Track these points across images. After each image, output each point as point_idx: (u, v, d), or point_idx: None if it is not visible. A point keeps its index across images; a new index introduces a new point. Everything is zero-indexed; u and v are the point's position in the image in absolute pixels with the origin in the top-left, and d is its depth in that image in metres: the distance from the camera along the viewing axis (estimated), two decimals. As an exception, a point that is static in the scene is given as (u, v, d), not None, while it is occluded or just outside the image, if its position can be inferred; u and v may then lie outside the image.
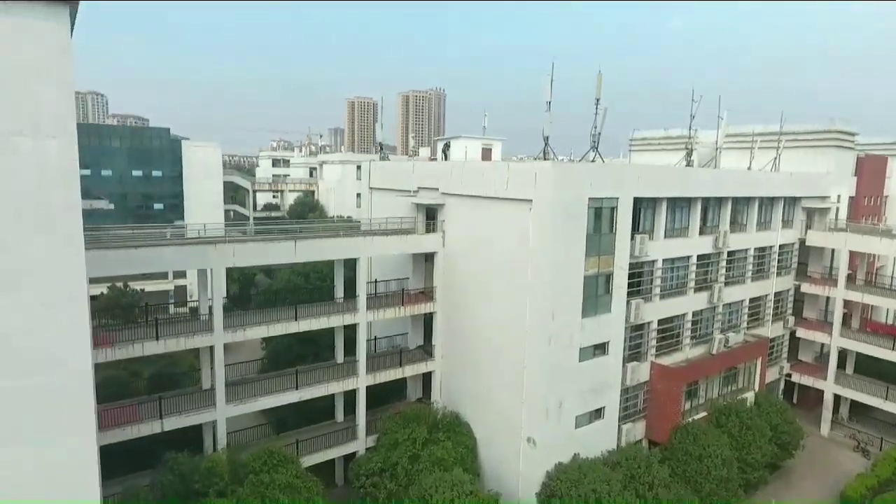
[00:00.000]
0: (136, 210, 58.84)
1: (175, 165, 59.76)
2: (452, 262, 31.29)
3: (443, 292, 31.99)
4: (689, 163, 35.35)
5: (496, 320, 28.36)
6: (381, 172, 37.40)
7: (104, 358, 22.55)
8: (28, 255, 13.50)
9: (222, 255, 24.64)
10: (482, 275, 29.23)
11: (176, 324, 25.41)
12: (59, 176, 13.82)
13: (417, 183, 33.46)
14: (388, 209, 35.01)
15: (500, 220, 27.77)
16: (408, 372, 31.71)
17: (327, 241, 27.75)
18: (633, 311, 29.61)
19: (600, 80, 27.96)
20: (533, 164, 26.11)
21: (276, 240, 26.20)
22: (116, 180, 57.48)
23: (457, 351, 31.45)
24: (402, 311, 30.97)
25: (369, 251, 29.23)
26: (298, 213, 69.10)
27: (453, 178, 30.61)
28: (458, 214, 30.79)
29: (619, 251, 28.27)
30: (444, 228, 31.62)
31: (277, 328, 26.88)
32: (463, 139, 39.39)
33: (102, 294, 49.66)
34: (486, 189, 28.28)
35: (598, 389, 28.72)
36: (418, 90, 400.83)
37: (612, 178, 27.36)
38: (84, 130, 56.78)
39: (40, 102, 13.35)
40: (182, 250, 23.72)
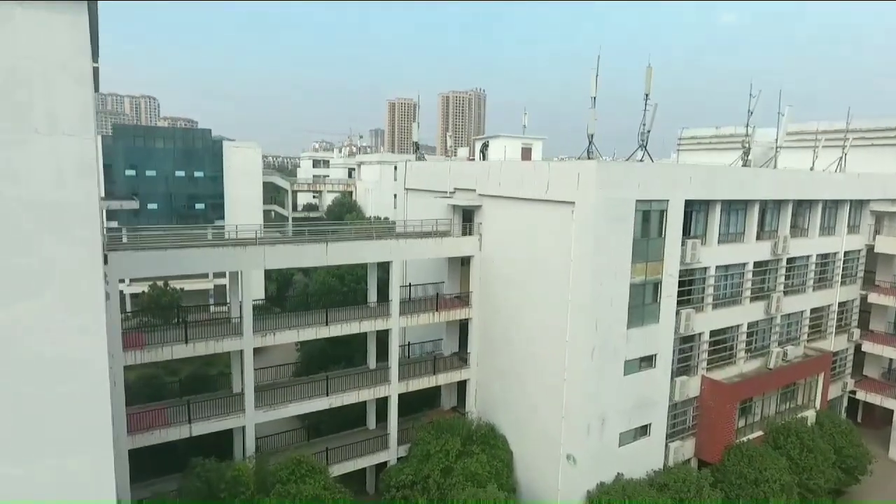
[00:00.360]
0: (179, 210, 59.72)
1: (216, 166, 60.38)
2: (489, 266, 29.95)
3: (479, 298, 30.68)
4: (746, 162, 32.94)
5: (535, 329, 26.87)
6: (417, 173, 36.38)
7: (133, 360, 22.24)
8: (43, 257, 12.91)
9: (253, 258, 24.04)
10: (520, 280, 27.79)
11: (206, 326, 24.96)
12: (77, 175, 13.18)
13: (454, 184, 32.26)
14: (424, 211, 33.95)
15: (539, 223, 26.29)
16: (441, 380, 30.54)
17: (359, 243, 26.87)
18: (683, 322, 27.61)
19: (650, 74, 26.10)
20: (576, 163, 24.54)
21: (307, 242, 25.46)
22: (161, 181, 58.46)
23: (493, 359, 30.10)
24: (436, 316, 29.83)
25: (403, 254, 28.20)
26: (336, 213, 69.02)
27: (491, 178, 29.28)
28: (495, 217, 29.45)
29: (669, 257, 26.36)
30: (481, 231, 30.31)
31: (307, 333, 26.15)
32: (502, 138, 38.00)
33: (144, 292, 50.53)
34: (525, 190, 26.84)
35: (644, 405, 26.86)
36: (458, 91, 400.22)
37: (662, 178, 25.49)
38: (129, 132, 58.10)
39: (57, 99, 12.74)
40: (212, 252, 23.23)
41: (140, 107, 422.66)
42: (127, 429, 22.29)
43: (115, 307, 21.55)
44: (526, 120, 41.78)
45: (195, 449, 24.45)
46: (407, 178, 37.24)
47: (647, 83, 25.97)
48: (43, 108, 12.64)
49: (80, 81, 13.01)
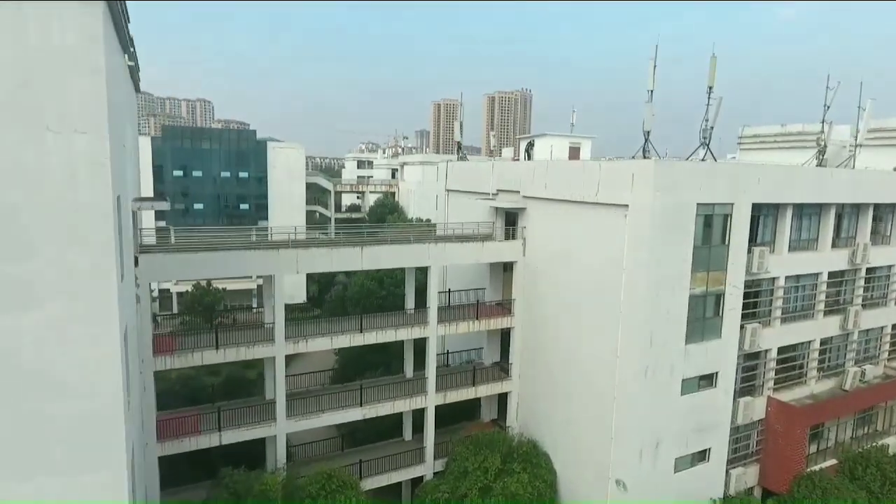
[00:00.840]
0: (225, 210, 60.38)
1: (261, 167, 60.77)
2: (533, 272, 28.16)
3: (522, 306, 28.93)
4: (821, 162, 29.90)
5: (583, 342, 24.93)
6: (458, 174, 34.91)
7: (163, 366, 21.66)
8: (53, 263, 12.06)
9: (285, 262, 23.12)
10: (567, 289, 25.89)
11: (238, 331, 24.23)
12: (89, 176, 12.28)
13: (496, 185, 30.62)
14: (465, 213, 32.46)
15: (589, 227, 24.34)
16: (481, 392, 28.94)
17: (396, 247, 25.59)
18: (748, 337, 25.08)
19: (714, 65, 23.74)
20: (630, 163, 22.49)
21: (342, 246, 24.37)
22: (207, 181, 59.24)
23: (537, 371, 28.28)
24: (476, 325, 28.26)
25: (441, 259, 26.77)
26: (378, 214, 68.45)
27: (536, 179, 27.48)
28: (540, 220, 27.63)
29: (733, 266, 23.92)
30: (525, 235, 28.55)
31: (341, 340, 25.06)
32: (548, 137, 36.07)
33: (188, 292, 51.08)
34: (573, 192, 24.94)
35: (702, 428, 24.50)
36: (504, 91, 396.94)
37: (727, 180, 23.09)
38: (177, 133, 59.09)
39: (67, 93, 11.86)
40: (244, 255, 22.42)
41: (196, 110, 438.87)
42: (157, 436, 21.73)
43: (145, 310, 21.01)
44: (574, 118, 39.67)
45: (229, 455, 23.80)
46: (448, 178, 35.84)
47: (711, 75, 23.63)
48: (53, 103, 11.80)
49: (93, 75, 12.10)
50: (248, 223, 61.06)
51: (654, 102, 23.70)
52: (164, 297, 58.16)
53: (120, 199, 15.09)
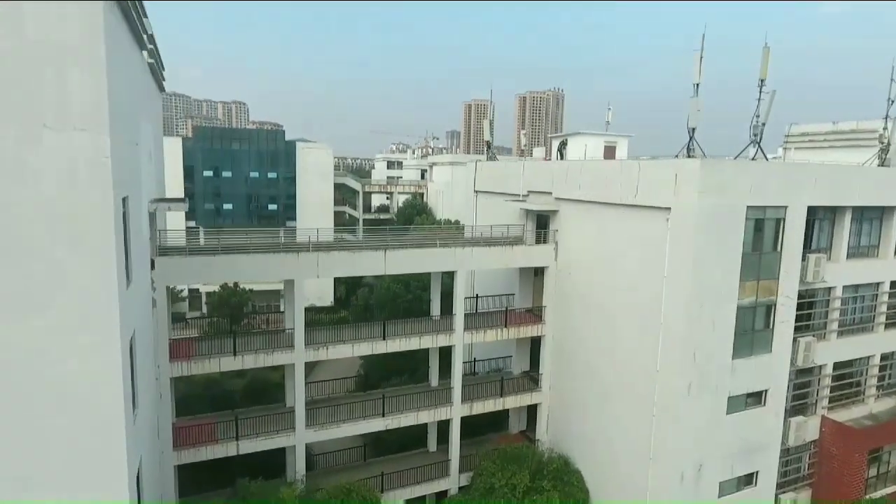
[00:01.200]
0: (254, 210, 60.35)
1: (290, 167, 60.53)
2: (566, 278, 26.63)
3: (553, 313, 27.44)
4: (884, 161, 27.54)
5: (619, 354, 23.32)
6: (488, 174, 33.57)
7: (179, 372, 20.97)
8: (51, 267, 11.27)
9: (305, 266, 22.21)
10: (602, 297, 24.30)
11: (258, 337, 23.44)
12: (89, 175, 11.44)
13: (527, 186, 29.19)
14: (494, 215, 31.13)
15: (627, 231, 22.74)
16: (509, 404, 27.54)
17: (421, 251, 24.43)
18: (801, 352, 23.05)
19: (766, 56, 21.84)
20: (673, 162, 20.80)
21: (364, 249, 23.35)
22: (236, 181, 59.28)
23: (569, 383, 26.74)
24: (504, 333, 26.88)
25: (469, 264, 25.49)
26: (406, 215, 67.55)
27: (569, 180, 25.96)
28: (574, 223, 26.10)
29: (786, 275, 21.98)
30: (557, 239, 27.05)
31: (363, 347, 24.03)
32: (582, 136, 34.43)
33: (215, 292, 51.07)
34: (609, 194, 23.36)
35: (749, 449, 22.60)
36: (536, 91, 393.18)
37: (780, 180, 21.19)
38: (207, 134, 59.33)
39: (66, 89, 11.04)
40: (262, 259, 21.58)
41: (231, 112, 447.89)
42: (173, 444, 21.07)
43: (162, 315, 20.36)
44: (610, 116, 37.92)
45: (251, 461, 23.05)
46: (477, 179, 34.53)
47: (763, 67, 21.73)
48: (51, 99, 11.01)
49: (94, 71, 11.25)
50: (277, 224, 60.93)
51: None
52: (194, 296, 58.46)
53: (128, 200, 14.30)
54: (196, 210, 58.22)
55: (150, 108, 21.68)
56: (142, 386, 17.13)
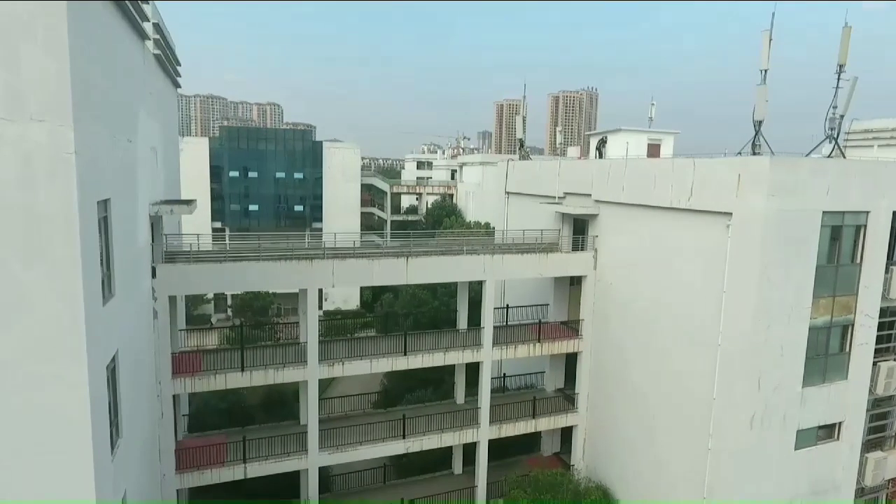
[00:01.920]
0: (280, 211, 59.27)
1: (316, 168, 59.25)
2: (607, 289, 24.12)
3: (592, 328, 24.95)
4: (978, 160, 24.10)
5: (668, 377, 20.72)
6: (520, 174, 31.21)
7: (183, 389, 19.35)
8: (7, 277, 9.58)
9: (320, 274, 20.33)
10: (649, 311, 21.73)
11: (269, 349, 21.66)
12: (49, 173, 9.67)
13: (563, 187, 26.74)
14: (527, 218, 28.82)
15: (678, 238, 20.14)
16: (542, 426, 25.17)
17: (446, 259, 22.26)
18: (882, 378, 20.02)
19: (847, 38, 18.91)
20: (736, 160, 18.12)
21: (384, 256, 21.32)
22: (263, 182, 58.28)
23: (609, 405, 24.21)
24: (537, 349, 24.53)
25: (498, 273, 23.23)
26: (435, 217, 65.61)
27: (611, 181, 23.43)
28: (616, 229, 23.57)
29: (866, 290, 19.03)
30: (597, 246, 24.56)
31: (382, 363, 22.03)
32: (623, 133, 31.73)
33: (238, 295, 49.96)
34: (658, 196, 20.77)
35: (820, 490, 19.72)
36: (569, 90, 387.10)
37: (863, 181, 18.27)
38: (234, 134, 58.46)
39: (20, 71, 9.30)
40: (273, 267, 19.76)
41: (266, 113, 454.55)
42: (176, 466, 19.44)
43: (164, 327, 18.73)
44: (653, 112, 35.09)
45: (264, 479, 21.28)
46: (509, 179, 32.21)
47: (843, 50, 18.82)
48: (3, 84, 9.32)
49: (54, 50, 9.46)
50: (303, 225, 59.74)
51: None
52: (219, 297, 57.65)
53: (110, 202, 12.54)
54: (223, 211, 57.48)
55: (155, 104, 20.12)
56: (135, 408, 15.49)
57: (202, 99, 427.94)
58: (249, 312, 48.17)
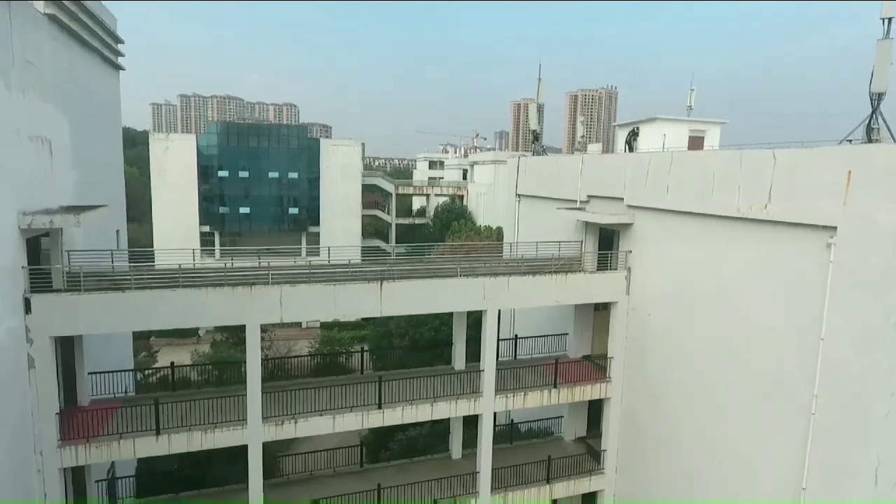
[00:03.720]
0: (272, 214, 54.62)
1: (313, 167, 54.52)
2: (643, 320, 18.74)
3: (623, 368, 19.59)
4: None
5: (729, 450, 15.26)
6: (534, 173, 25.90)
7: (72, 461, 14.39)
8: None
9: (262, 305, 15.28)
10: (702, 355, 16.30)
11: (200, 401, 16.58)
12: None
13: (587, 189, 21.39)
14: (543, 226, 23.63)
15: (749, 260, 14.69)
16: (559, 492, 19.81)
17: (434, 283, 17.06)
18: None
19: None
20: (842, 152, 12.65)
21: (351, 281, 16.16)
22: (254, 182, 53.68)
23: (645, 469, 18.81)
24: (553, 395, 19.20)
25: (502, 301, 17.98)
26: (444, 220, 60.49)
27: (651, 180, 18.03)
28: (657, 243, 18.18)
29: None
30: (630, 264, 19.19)
31: (350, 421, 16.83)
32: (659, 122, 26.23)
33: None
34: (719, 202, 15.33)
35: None
36: (587, 89, 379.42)
37: None
38: (223, 130, 53.86)
39: None
40: (195, 296, 14.72)
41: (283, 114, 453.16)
42: (68, 560, 14.51)
43: (46, 378, 13.82)
44: (692, 99, 29.52)
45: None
46: (520, 179, 26.92)
47: None
48: None
49: None
50: (299, 229, 55.10)
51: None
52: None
53: None
54: (212, 214, 53.01)
55: (49, 82, 15.28)
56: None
57: (219, 99, 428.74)
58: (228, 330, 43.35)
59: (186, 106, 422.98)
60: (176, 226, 52.07)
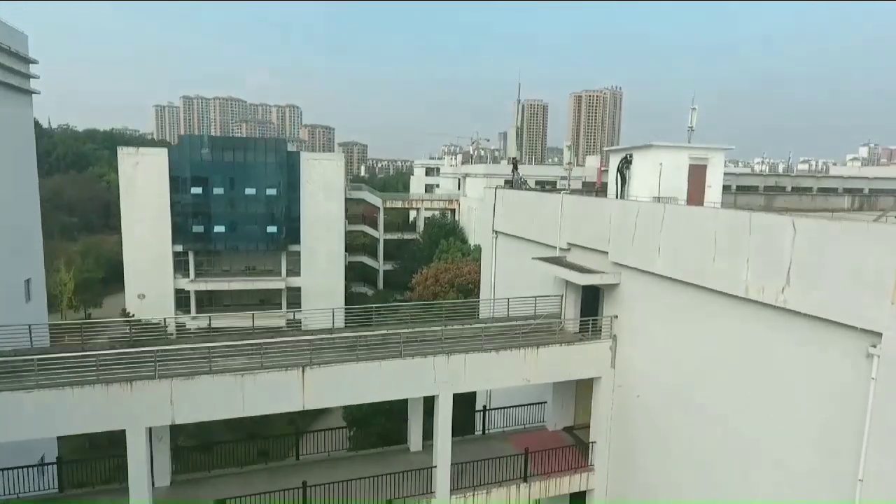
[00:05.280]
0: (249, 234, 51.59)
1: (293, 182, 51.45)
2: (631, 401, 15.55)
3: (610, 454, 16.38)
4: None
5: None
6: (511, 209, 22.73)
7: None
8: None
9: (147, 404, 12.17)
10: (702, 446, 13.10)
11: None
12: None
13: (568, 236, 18.21)
14: (522, 270, 20.52)
15: (762, 353, 11.47)
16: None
17: (372, 366, 13.88)
18: None
19: None
20: (889, 231, 9.43)
21: (261, 370, 13.00)
22: (229, 199, 50.69)
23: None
24: (524, 490, 15.98)
25: (458, 384, 14.78)
26: (433, 236, 57.40)
27: (638, 237, 14.82)
28: (648, 311, 14.98)
29: None
30: (617, 331, 15.99)
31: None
32: (655, 149, 22.92)
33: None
34: (721, 276, 12.11)
35: None
36: (591, 90, 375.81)
37: None
38: (196, 143, 50.78)
39: None
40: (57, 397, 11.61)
41: (285, 115, 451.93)
42: None
43: None
44: (694, 119, 26.25)
45: None
46: (497, 213, 23.76)
47: None
48: None
49: None
50: (277, 249, 52.06)
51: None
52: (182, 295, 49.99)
53: None
54: (185, 233, 50.04)
55: None
56: None
57: (221, 101, 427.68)
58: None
59: (189, 107, 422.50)
60: (147, 246, 49.20)
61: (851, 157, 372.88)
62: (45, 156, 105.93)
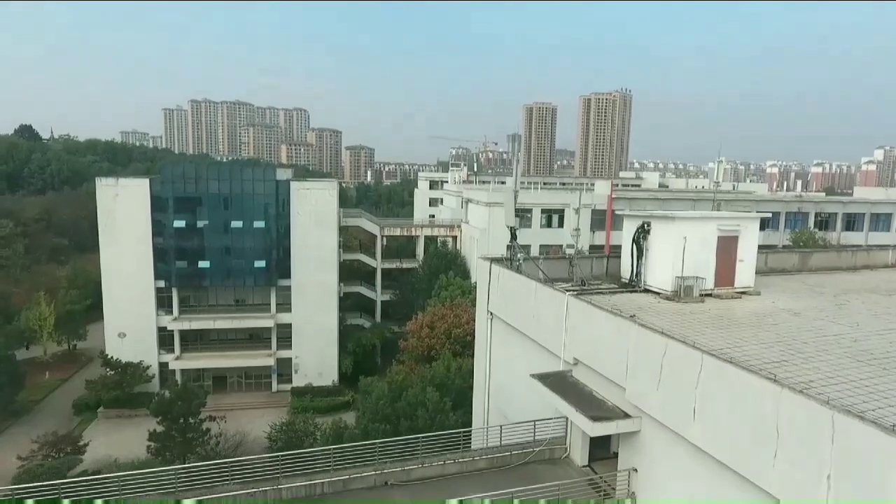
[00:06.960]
0: (237, 268, 48.56)
1: (282, 214, 48.40)
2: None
3: None
4: None
5: None
6: (507, 293, 19.41)
7: None
8: None
9: None
10: None
11: None
12: None
13: (574, 349, 14.87)
14: (519, 361, 17.24)
15: None
16: None
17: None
18: None
19: None
20: None
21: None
22: (217, 232, 47.70)
23: None
24: None
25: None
26: (433, 267, 54.14)
27: (665, 385, 11.43)
28: (674, 474, 11.62)
29: None
30: (635, 488, 12.64)
31: None
32: (677, 221, 19.45)
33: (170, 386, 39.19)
34: (758, 464, 8.71)
35: None
36: (601, 92, 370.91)
37: None
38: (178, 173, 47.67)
39: None
40: None
41: (293, 119, 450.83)
42: None
43: None
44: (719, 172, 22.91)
45: None
46: (491, 293, 20.46)
47: None
48: None
49: None
50: (266, 284, 49.03)
51: None
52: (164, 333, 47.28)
53: None
54: (166, 268, 47.09)
55: None
56: None
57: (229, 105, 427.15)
58: (179, 408, 37.44)
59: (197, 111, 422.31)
60: (128, 282, 46.38)
61: (867, 160, 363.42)
62: (40, 172, 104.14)
